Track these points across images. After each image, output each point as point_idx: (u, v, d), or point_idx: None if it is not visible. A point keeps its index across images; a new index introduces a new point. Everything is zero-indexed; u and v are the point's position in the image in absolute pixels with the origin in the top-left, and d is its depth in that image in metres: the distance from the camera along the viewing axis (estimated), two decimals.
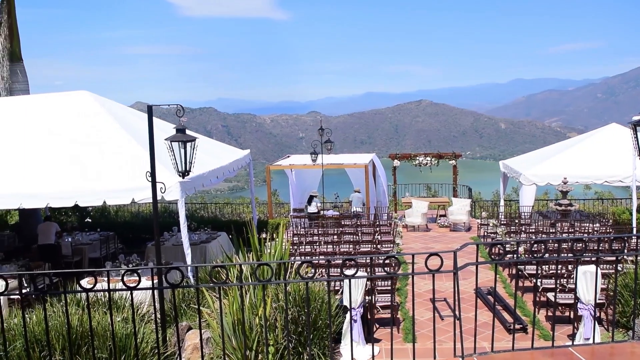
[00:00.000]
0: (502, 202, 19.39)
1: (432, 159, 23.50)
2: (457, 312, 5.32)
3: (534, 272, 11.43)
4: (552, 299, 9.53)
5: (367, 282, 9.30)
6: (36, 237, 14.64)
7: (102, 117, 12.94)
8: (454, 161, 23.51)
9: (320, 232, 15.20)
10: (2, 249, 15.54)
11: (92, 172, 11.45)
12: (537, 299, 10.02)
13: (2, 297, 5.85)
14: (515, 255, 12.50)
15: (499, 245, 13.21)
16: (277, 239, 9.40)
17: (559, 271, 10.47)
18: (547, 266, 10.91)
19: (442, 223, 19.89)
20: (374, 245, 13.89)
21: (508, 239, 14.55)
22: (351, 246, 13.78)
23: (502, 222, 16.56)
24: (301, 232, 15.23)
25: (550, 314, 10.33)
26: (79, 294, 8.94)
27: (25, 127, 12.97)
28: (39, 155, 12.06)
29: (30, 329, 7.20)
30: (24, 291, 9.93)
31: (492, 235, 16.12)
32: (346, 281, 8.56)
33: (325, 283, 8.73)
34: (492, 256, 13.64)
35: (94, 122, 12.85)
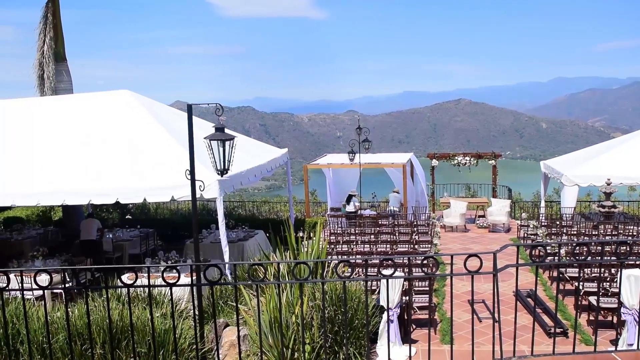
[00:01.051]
0: (542, 203, 19.04)
1: (471, 159, 23.20)
2: (496, 315, 5.23)
3: (576, 275, 11.19)
4: (595, 302, 9.31)
5: (405, 283, 9.24)
6: (78, 233, 14.95)
7: (143, 116, 13.15)
8: (493, 161, 23.18)
9: (357, 231, 15.17)
10: (46, 244, 15.92)
11: (133, 170, 11.64)
12: (579, 302, 9.80)
13: (46, 291, 5.99)
14: (556, 258, 12.26)
15: (540, 247, 12.99)
16: (314, 238, 9.41)
17: (601, 274, 10.22)
18: (590, 269, 10.67)
19: (481, 224, 19.63)
20: (412, 246, 13.79)
21: (549, 240, 14.28)
22: (388, 246, 13.71)
23: (543, 224, 16.25)
24: (338, 232, 15.22)
25: (592, 318, 10.09)
26: (119, 289, 9.11)
27: (68, 126, 13.28)
28: (82, 153, 12.33)
29: (72, 323, 7.35)
30: (67, 285, 10.18)
31: (532, 236, 15.84)
32: (383, 281, 8.52)
33: (362, 282, 8.72)
34: (533, 258, 13.40)
35: (134, 120, 13.07)
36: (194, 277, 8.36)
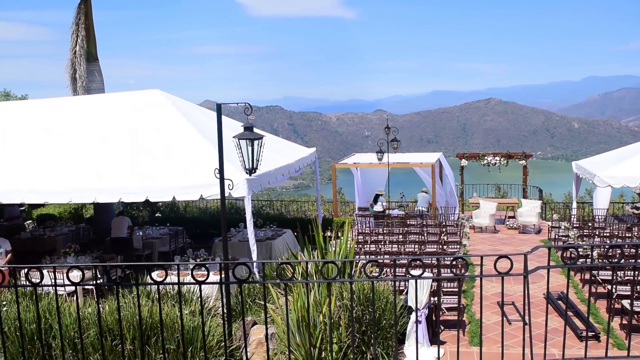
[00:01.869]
0: (574, 204, 18.73)
1: (501, 159, 22.94)
2: (526, 317, 5.16)
3: (609, 277, 10.98)
4: (628, 306, 9.13)
5: (433, 283, 9.18)
6: (109, 230, 15.16)
7: (173, 115, 13.27)
8: (524, 161, 22.88)
9: (385, 231, 15.11)
10: (77, 241, 16.20)
11: (163, 168, 11.75)
12: (612, 305, 9.62)
13: (78, 287, 6.09)
14: (588, 260, 12.05)
15: (571, 249, 12.79)
16: (342, 238, 9.40)
17: (635, 277, 10.01)
18: (623, 272, 10.46)
19: (511, 225, 19.39)
20: (440, 246, 13.68)
21: (580, 242, 14.05)
22: (417, 246, 13.62)
23: (575, 225, 15.99)
24: (366, 231, 15.18)
25: (625, 322, 9.90)
26: (149, 286, 9.22)
27: (100, 125, 13.47)
28: (113, 151, 12.50)
29: (102, 319, 7.46)
30: (98, 282, 10.33)
31: (564, 238, 15.59)
32: (412, 281, 8.47)
33: (390, 283, 8.68)
34: (565, 260, 13.20)
35: (164, 119, 13.20)
36: (223, 275, 8.43)
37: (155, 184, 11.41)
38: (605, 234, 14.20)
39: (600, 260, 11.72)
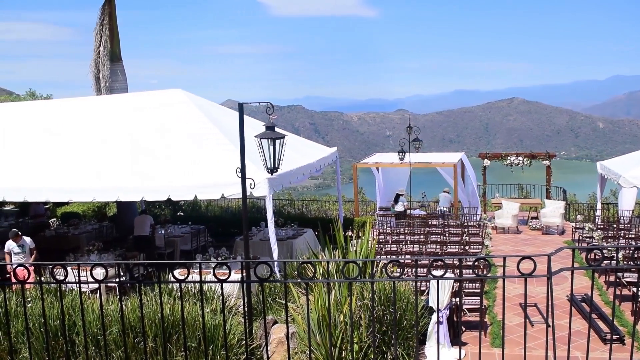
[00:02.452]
0: (599, 205, 18.48)
1: (524, 159, 22.71)
2: (549, 319, 5.10)
3: (634, 280, 10.81)
4: None
5: (455, 284, 9.12)
6: (132, 228, 15.29)
7: (194, 114, 13.35)
8: (547, 161, 22.63)
9: (406, 231, 15.04)
10: (101, 238, 16.37)
11: (185, 167, 11.83)
12: (637, 308, 9.47)
13: (101, 284, 6.15)
14: (613, 262, 11.87)
15: (596, 251, 12.61)
16: (363, 237, 9.38)
17: None
18: None
19: (534, 225, 19.19)
20: (462, 247, 13.59)
21: (605, 244, 13.85)
22: (438, 246, 13.55)
23: (599, 227, 15.77)
24: (387, 231, 15.13)
25: None
26: (170, 284, 9.28)
27: (123, 124, 13.60)
28: (136, 150, 12.61)
29: (125, 316, 7.52)
30: (121, 279, 10.42)
31: (588, 239, 15.39)
32: (433, 282, 8.43)
33: (411, 283, 8.64)
34: (589, 262, 13.02)
35: (186, 119, 13.29)
36: (244, 274, 8.46)
37: (177, 182, 11.49)
38: (630, 236, 13.98)
39: (625, 262, 11.54)
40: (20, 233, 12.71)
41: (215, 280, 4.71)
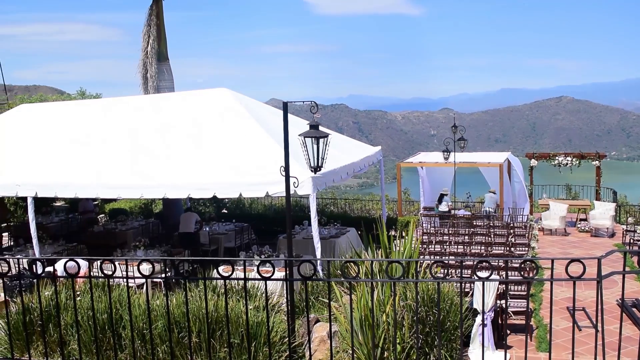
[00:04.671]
0: None
1: (573, 159, 22.17)
2: (598, 324, 4.96)
3: None
4: None
5: (500, 286, 8.97)
6: (177, 225, 15.53)
7: (240, 113, 13.47)
8: (597, 162, 22.03)
9: (450, 231, 14.86)
10: (147, 235, 16.69)
11: (230, 165, 11.95)
12: None
13: (148, 279, 6.26)
14: None
15: None
16: (406, 237, 9.30)
17: None
18: None
19: (583, 227, 18.72)
20: (507, 248, 13.35)
21: None
22: (483, 247, 13.35)
23: None
24: (431, 231, 14.97)
25: None
26: (214, 280, 9.39)
27: (169, 123, 13.83)
28: (183, 148, 12.80)
29: (170, 311, 7.65)
30: (167, 275, 10.60)
31: (639, 243, 14.94)
32: (478, 283, 8.31)
33: (456, 284, 8.53)
34: None
35: (232, 117, 13.42)
36: (287, 272, 8.49)
37: (222, 180, 11.61)
38: None
39: None
40: None
41: (259, 277, 4.74)
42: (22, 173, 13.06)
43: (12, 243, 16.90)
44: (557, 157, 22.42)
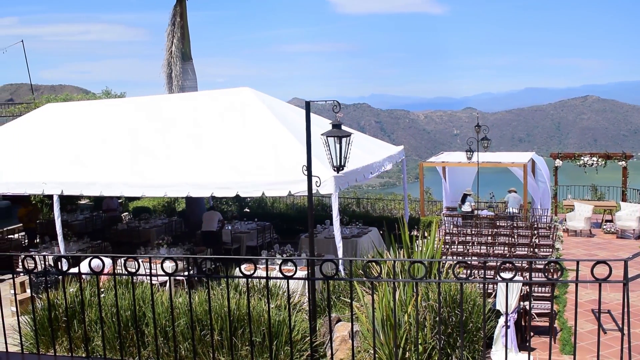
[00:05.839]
0: None
1: (599, 160, 21.84)
2: (624, 327, 4.88)
3: None
4: None
5: (523, 287, 8.88)
6: (200, 223, 15.63)
7: (262, 113, 13.51)
8: (623, 162, 21.69)
9: (473, 232, 14.75)
10: (170, 233, 16.83)
11: (253, 164, 11.99)
12: None
13: (170, 277, 6.31)
14: None
15: None
16: (428, 237, 9.26)
17: None
18: None
19: (608, 229, 18.45)
20: (531, 249, 13.21)
21: None
22: (506, 248, 13.22)
23: None
24: (453, 232, 14.88)
25: None
26: (236, 279, 9.43)
27: (193, 122, 13.93)
28: (206, 147, 12.88)
29: (192, 309, 7.70)
30: (190, 273, 10.69)
31: None
32: (501, 285, 8.23)
33: (478, 285, 8.47)
34: None
35: (254, 117, 13.46)
36: (309, 271, 8.51)
37: (245, 179, 11.66)
38: None
39: None
40: None
41: (282, 276, 4.75)
42: (48, 171, 13.26)
43: (37, 240, 17.16)
44: (582, 158, 22.10)
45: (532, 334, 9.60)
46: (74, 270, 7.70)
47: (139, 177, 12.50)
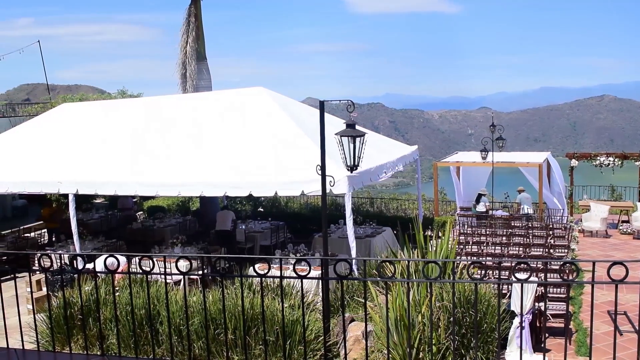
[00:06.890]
0: None
1: (615, 160, 21.62)
2: None
3: None
4: None
5: (538, 288, 8.81)
6: (214, 223, 15.68)
7: (276, 112, 13.53)
8: None
9: (488, 232, 14.67)
10: (184, 232, 16.90)
11: (266, 164, 12.01)
12: None
13: (185, 276, 6.34)
14: None
15: None
16: (443, 237, 9.22)
17: None
18: None
19: (625, 230, 18.26)
20: (546, 250, 13.11)
21: None
22: (521, 249, 13.13)
23: None
24: (468, 232, 14.80)
25: None
26: (250, 278, 9.46)
27: (207, 121, 13.98)
28: (219, 147, 12.92)
29: (206, 308, 7.72)
30: (205, 272, 10.73)
31: None
32: (515, 285, 8.18)
33: (493, 285, 8.42)
34: None
35: (268, 116, 13.49)
36: (323, 271, 8.50)
37: (258, 179, 11.68)
38: None
39: None
40: None
41: (295, 275, 4.75)
42: (64, 170, 13.37)
43: (53, 239, 17.31)
44: (598, 158, 21.89)
45: (547, 335, 9.53)
46: (90, 266, 7.77)
47: (153, 177, 12.56)
